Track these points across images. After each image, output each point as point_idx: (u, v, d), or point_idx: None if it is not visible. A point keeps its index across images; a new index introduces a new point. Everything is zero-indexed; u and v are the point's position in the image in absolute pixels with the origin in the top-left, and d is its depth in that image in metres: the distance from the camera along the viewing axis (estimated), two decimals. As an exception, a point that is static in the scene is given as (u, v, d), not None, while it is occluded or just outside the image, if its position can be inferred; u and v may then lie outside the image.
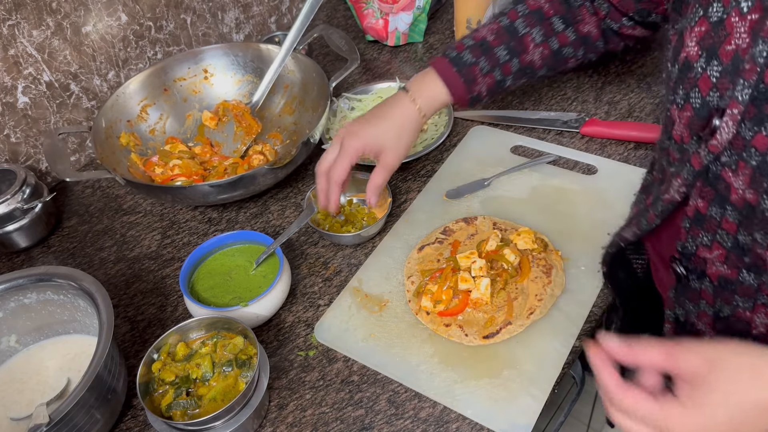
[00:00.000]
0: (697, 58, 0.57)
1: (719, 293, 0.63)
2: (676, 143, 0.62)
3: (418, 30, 1.36)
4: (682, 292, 0.68)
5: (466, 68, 0.87)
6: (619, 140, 1.05)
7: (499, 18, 0.89)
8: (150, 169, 1.05)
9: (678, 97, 0.60)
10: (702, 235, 0.61)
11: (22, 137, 1.08)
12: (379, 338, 0.83)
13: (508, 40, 0.87)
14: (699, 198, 0.60)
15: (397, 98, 0.89)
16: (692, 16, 0.58)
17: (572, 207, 0.95)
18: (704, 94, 0.56)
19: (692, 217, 0.61)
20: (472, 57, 0.87)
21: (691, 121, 0.59)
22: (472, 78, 0.87)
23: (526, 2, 0.89)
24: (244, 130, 1.10)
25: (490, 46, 0.87)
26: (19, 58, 1.03)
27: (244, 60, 1.17)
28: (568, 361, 0.78)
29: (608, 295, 0.84)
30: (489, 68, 0.87)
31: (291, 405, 0.79)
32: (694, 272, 0.65)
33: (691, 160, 0.59)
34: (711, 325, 0.66)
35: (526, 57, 0.88)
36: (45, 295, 0.82)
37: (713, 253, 0.61)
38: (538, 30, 0.87)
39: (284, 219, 1.03)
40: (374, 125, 0.87)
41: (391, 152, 0.88)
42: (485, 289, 0.82)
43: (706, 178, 0.58)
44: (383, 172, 0.88)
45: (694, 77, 0.57)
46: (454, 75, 0.87)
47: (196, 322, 0.78)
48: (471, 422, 0.74)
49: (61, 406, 0.66)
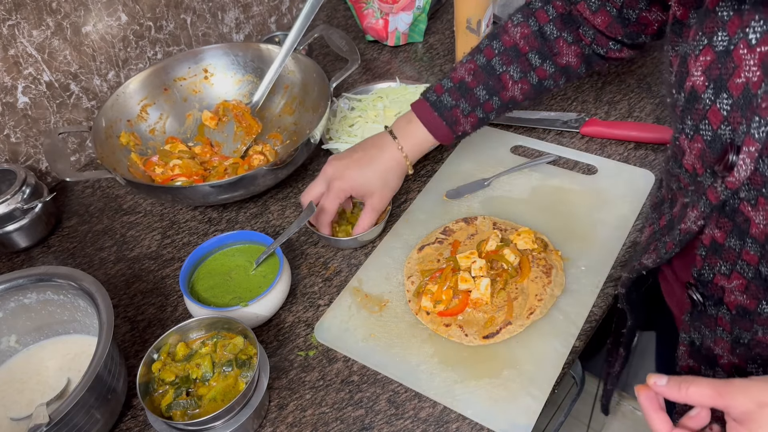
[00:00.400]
0: (704, 88, 0.55)
1: (737, 321, 0.62)
2: (687, 172, 0.61)
3: (418, 30, 1.36)
4: (697, 317, 0.67)
5: (447, 111, 0.88)
6: (619, 140, 1.05)
7: (476, 56, 0.88)
8: (150, 169, 1.05)
9: (687, 128, 0.58)
10: (720, 264, 0.60)
11: (22, 137, 1.08)
12: (379, 338, 0.83)
13: (486, 80, 0.87)
14: (716, 228, 0.59)
15: (384, 143, 0.91)
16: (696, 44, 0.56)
17: (572, 207, 0.95)
18: (715, 127, 0.55)
19: (708, 246, 0.60)
20: (452, 100, 0.88)
21: (702, 153, 0.57)
22: (454, 120, 0.89)
23: (501, 38, 0.87)
24: (244, 130, 1.10)
25: (468, 87, 0.88)
26: (19, 58, 1.03)
27: (245, 60, 1.17)
28: (568, 361, 0.78)
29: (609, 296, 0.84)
30: (470, 109, 0.88)
31: (291, 405, 0.79)
32: (710, 299, 0.64)
33: (707, 193, 0.58)
34: (729, 351, 0.65)
35: (507, 94, 0.88)
36: (45, 295, 0.82)
37: (732, 283, 0.60)
38: (515, 67, 0.87)
39: (284, 219, 1.03)
40: (361, 169, 0.90)
41: (377, 196, 0.91)
42: (485, 289, 0.82)
43: (722, 210, 0.57)
44: (372, 214, 0.92)
45: (703, 109, 0.56)
46: (436, 119, 0.89)
47: (196, 322, 0.78)
48: (471, 422, 0.74)
49: (61, 406, 0.66)
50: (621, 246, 0.89)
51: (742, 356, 0.64)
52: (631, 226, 0.91)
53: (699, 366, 0.70)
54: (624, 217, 0.92)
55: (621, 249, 0.88)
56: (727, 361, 0.66)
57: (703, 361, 0.69)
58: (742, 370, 0.65)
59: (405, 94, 1.20)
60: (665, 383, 0.55)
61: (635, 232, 0.91)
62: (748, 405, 0.51)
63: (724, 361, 0.66)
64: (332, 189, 0.90)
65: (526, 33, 0.86)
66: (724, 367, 0.67)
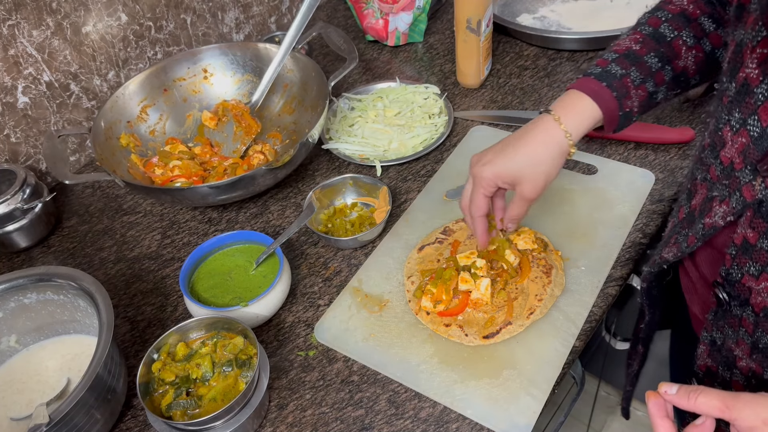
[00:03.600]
0: (758, 82, 0.54)
1: (762, 323, 0.61)
2: (722, 164, 0.60)
3: (418, 30, 1.36)
4: (722, 316, 0.66)
5: (617, 81, 0.75)
6: (619, 140, 1.05)
7: (639, 27, 0.78)
8: (150, 170, 1.05)
9: (733, 120, 0.57)
10: (749, 264, 0.59)
11: (22, 137, 1.08)
12: (379, 338, 0.83)
13: (656, 47, 0.76)
14: (749, 228, 0.58)
15: (537, 121, 0.77)
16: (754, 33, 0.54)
17: (572, 207, 0.95)
18: (765, 124, 0.54)
19: (740, 245, 0.59)
20: (620, 69, 0.75)
21: (746, 148, 0.56)
22: (624, 92, 0.75)
23: (666, 8, 0.78)
24: (244, 130, 1.10)
25: (637, 55, 0.75)
26: (19, 58, 1.03)
27: (243, 59, 1.17)
28: (568, 361, 0.78)
29: (609, 296, 0.84)
30: (641, 79, 0.75)
31: (291, 405, 0.79)
32: (737, 299, 0.63)
33: (742, 189, 0.56)
34: (748, 354, 0.65)
35: (679, 63, 0.76)
36: (45, 295, 0.82)
37: (760, 284, 0.59)
38: (688, 32, 0.76)
39: (284, 219, 1.03)
40: (508, 152, 0.76)
41: (527, 183, 0.76)
42: (485, 289, 0.82)
43: (758, 209, 0.56)
44: (522, 204, 0.78)
45: (755, 103, 0.54)
46: (603, 90, 0.74)
47: (196, 322, 0.78)
48: (471, 422, 0.74)
49: (61, 406, 0.66)
50: (621, 246, 0.89)
51: (759, 361, 0.64)
52: (631, 226, 0.91)
53: (717, 367, 0.69)
54: (624, 217, 0.92)
55: (621, 249, 0.88)
56: (745, 364, 0.65)
57: (721, 362, 0.68)
58: (759, 376, 0.65)
59: (405, 94, 1.20)
60: (675, 392, 0.55)
61: (635, 232, 0.91)
62: (754, 421, 0.51)
63: (742, 364, 0.66)
64: (476, 180, 0.77)
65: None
66: (741, 369, 0.66)
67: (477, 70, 1.19)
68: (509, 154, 0.75)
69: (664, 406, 0.56)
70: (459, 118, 1.16)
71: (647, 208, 0.93)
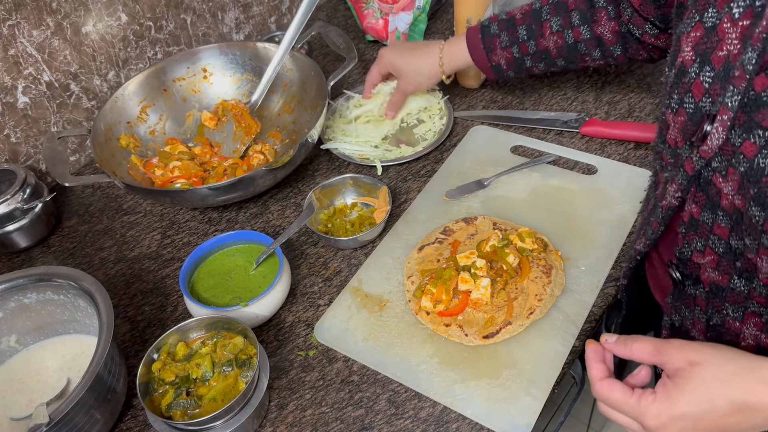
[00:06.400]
0: (691, 63, 0.57)
1: (711, 300, 0.64)
2: (669, 147, 0.63)
3: (418, 30, 1.36)
4: (678, 297, 0.68)
5: (488, 37, 0.99)
6: (619, 140, 1.05)
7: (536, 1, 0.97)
8: (150, 171, 1.05)
9: (673, 102, 0.60)
10: (696, 240, 0.62)
11: (22, 137, 1.08)
12: (379, 338, 0.83)
13: (531, 23, 0.96)
14: (693, 203, 0.61)
15: (431, 43, 1.05)
16: (689, 21, 0.59)
17: (572, 207, 0.95)
18: (697, 99, 0.57)
19: (687, 222, 0.62)
20: (497, 29, 0.98)
21: (684, 126, 0.59)
22: (491, 47, 0.99)
23: None
24: (244, 130, 1.10)
25: (514, 24, 0.97)
26: (19, 58, 1.03)
27: (243, 59, 1.17)
28: (568, 361, 0.78)
29: (609, 296, 0.84)
30: (508, 43, 0.98)
31: (291, 405, 0.79)
32: (689, 278, 0.65)
33: (684, 165, 0.59)
34: (703, 333, 0.67)
35: (543, 42, 0.96)
36: (45, 295, 0.82)
37: (705, 259, 0.62)
38: (557, 20, 0.94)
39: (284, 219, 1.03)
40: (405, 54, 1.06)
41: (406, 80, 1.06)
42: (485, 289, 0.82)
43: (698, 183, 0.59)
44: (400, 95, 1.09)
45: (688, 82, 0.58)
46: (477, 40, 1.00)
47: (196, 322, 0.78)
48: (471, 422, 0.74)
49: (61, 406, 0.66)
50: (621, 246, 0.89)
51: (714, 340, 0.66)
52: (631, 226, 0.91)
53: None
54: (624, 217, 0.92)
55: (621, 249, 0.88)
56: None
57: None
58: None
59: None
60: (614, 341, 0.61)
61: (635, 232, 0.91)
62: (681, 362, 0.55)
63: None
64: (379, 57, 1.08)
65: None
66: None
67: (477, 71, 1.19)
68: (405, 56, 1.06)
69: (601, 352, 0.62)
70: (459, 118, 1.16)
71: (647, 207, 0.93)
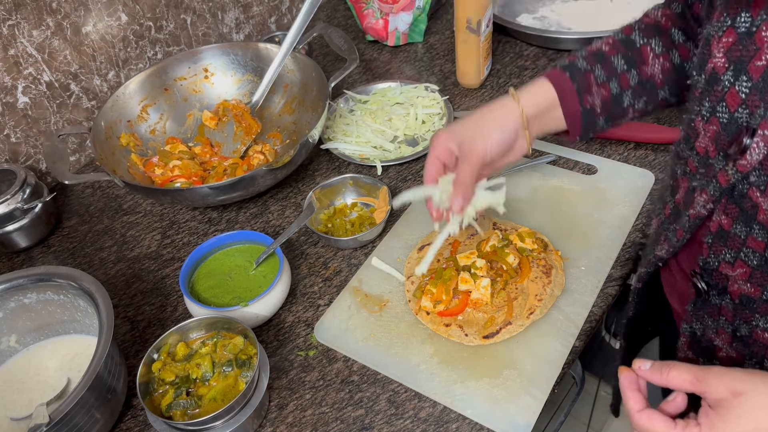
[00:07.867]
0: (724, 70, 0.55)
1: (739, 311, 0.62)
2: (698, 155, 0.61)
3: (418, 30, 1.36)
4: (701, 306, 0.67)
5: (580, 74, 0.76)
6: (619, 140, 1.05)
7: (613, 34, 0.80)
8: (150, 170, 1.05)
9: (704, 109, 0.58)
10: (725, 251, 0.60)
11: (22, 137, 1.08)
12: (379, 338, 0.83)
13: (625, 51, 0.77)
14: (723, 215, 0.59)
15: (499, 100, 0.79)
16: (719, 25, 0.56)
17: (572, 207, 0.95)
18: (732, 109, 0.55)
19: (715, 233, 0.60)
20: (586, 64, 0.77)
21: (717, 135, 0.57)
22: (585, 86, 0.76)
23: (641, 19, 0.80)
24: (244, 130, 1.10)
25: (605, 55, 0.77)
26: (19, 58, 1.03)
27: (244, 59, 1.17)
28: (568, 361, 0.78)
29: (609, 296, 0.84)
30: (605, 77, 0.76)
31: (291, 405, 0.79)
32: (715, 288, 0.64)
33: (717, 176, 0.58)
34: (728, 343, 0.65)
35: (646, 69, 0.77)
36: (45, 295, 0.82)
37: (736, 271, 0.60)
38: (657, 40, 0.77)
39: (284, 219, 1.03)
40: (463, 121, 0.78)
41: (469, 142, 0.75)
42: (485, 289, 0.82)
43: (731, 195, 0.58)
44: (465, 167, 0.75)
45: (722, 91, 0.56)
46: (566, 80, 0.76)
47: (196, 322, 0.78)
48: (471, 422, 0.74)
49: (61, 406, 0.66)
50: (621, 246, 0.89)
51: (740, 350, 0.64)
52: (631, 226, 0.91)
53: (697, 358, 0.70)
54: (624, 217, 0.92)
55: (621, 249, 0.88)
56: (726, 354, 0.66)
57: (702, 353, 0.69)
58: (740, 365, 0.65)
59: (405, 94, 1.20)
60: (648, 368, 0.57)
61: (635, 232, 0.91)
62: (723, 392, 0.52)
63: (722, 354, 0.66)
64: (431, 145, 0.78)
65: (668, 13, 0.79)
66: (722, 360, 0.67)
67: (477, 70, 1.19)
68: (464, 123, 0.78)
69: (636, 380, 0.58)
70: (459, 118, 1.16)
71: (647, 208, 0.93)
